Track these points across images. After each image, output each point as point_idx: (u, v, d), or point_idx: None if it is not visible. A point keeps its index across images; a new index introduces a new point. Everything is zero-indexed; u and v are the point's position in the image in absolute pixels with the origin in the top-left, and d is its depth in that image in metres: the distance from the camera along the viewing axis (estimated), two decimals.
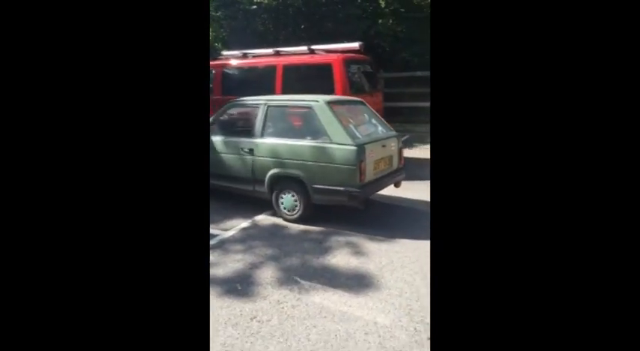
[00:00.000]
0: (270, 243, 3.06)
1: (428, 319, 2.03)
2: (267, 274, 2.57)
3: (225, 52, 6.80)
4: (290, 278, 2.51)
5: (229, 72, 5.92)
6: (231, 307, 2.19)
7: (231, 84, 5.77)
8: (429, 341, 1.86)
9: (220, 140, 3.78)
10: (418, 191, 4.05)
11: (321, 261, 2.75)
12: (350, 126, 3.34)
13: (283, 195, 3.46)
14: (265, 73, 5.47)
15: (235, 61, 6.02)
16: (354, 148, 3.11)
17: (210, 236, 3.15)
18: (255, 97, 3.93)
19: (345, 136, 3.17)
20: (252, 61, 5.88)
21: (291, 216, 3.45)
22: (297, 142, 3.37)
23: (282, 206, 3.48)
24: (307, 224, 3.40)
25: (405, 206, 3.87)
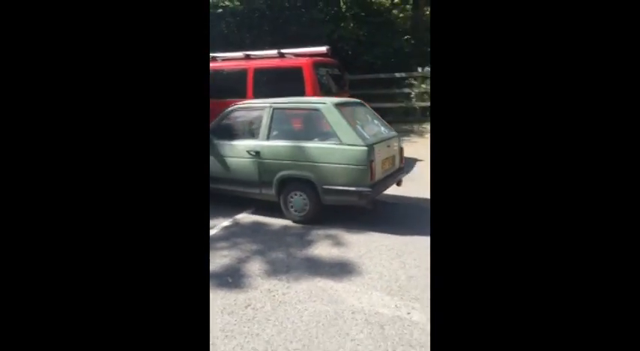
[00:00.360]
0: (254, 239, 3.21)
1: (406, 297, 2.27)
2: (255, 267, 2.72)
3: None
4: (277, 269, 2.68)
5: None
6: (225, 298, 2.33)
7: None
8: (408, 315, 2.10)
9: (224, 144, 3.76)
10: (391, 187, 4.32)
11: (305, 253, 2.94)
12: (357, 127, 3.38)
13: (292, 196, 3.49)
14: (236, 76, 5.58)
15: None
16: (364, 148, 3.15)
17: None
18: (259, 100, 3.92)
19: (355, 137, 3.21)
20: (222, 65, 5.96)
21: (300, 217, 3.49)
22: (306, 144, 3.39)
23: (292, 207, 3.51)
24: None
25: (377, 199, 4.13)
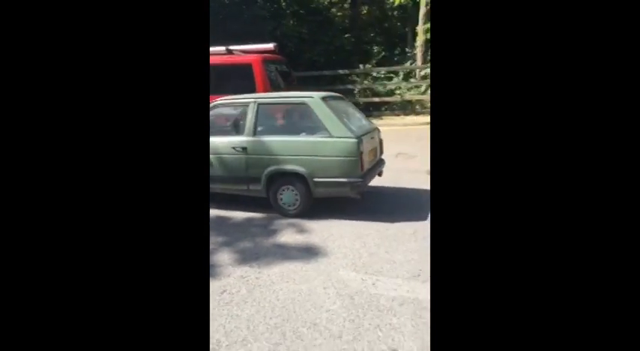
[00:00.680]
0: (219, 232, 3.29)
1: (370, 271, 2.51)
2: (224, 257, 2.82)
3: None
4: (247, 257, 2.80)
5: None
6: None
7: None
8: (374, 286, 2.34)
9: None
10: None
11: (271, 241, 3.08)
12: (344, 120, 3.47)
13: (282, 191, 3.51)
14: None
15: None
16: (354, 140, 3.25)
17: None
18: (242, 95, 3.87)
19: (344, 130, 3.30)
20: None
21: (291, 211, 3.52)
22: (295, 138, 3.44)
23: (282, 202, 3.53)
24: (251, 212, 3.69)
25: None
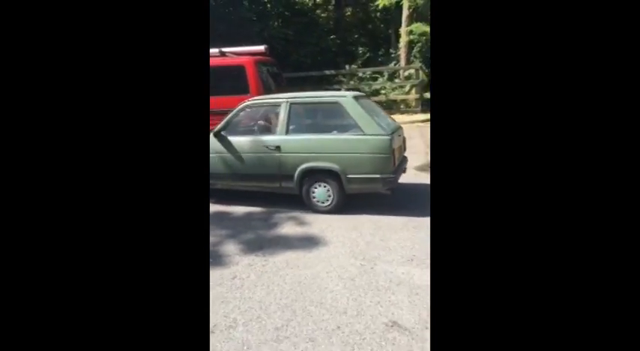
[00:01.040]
0: (221, 226, 3.46)
1: (368, 257, 2.74)
2: (230, 248, 3.01)
3: None
4: (251, 248, 2.99)
5: None
6: (211, 274, 2.59)
7: None
8: (372, 270, 2.57)
9: (239, 140, 3.81)
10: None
11: (273, 233, 3.28)
12: (375, 118, 3.59)
13: (315, 188, 3.63)
14: None
15: None
16: (387, 137, 3.38)
17: None
18: (273, 95, 4.00)
19: (377, 128, 3.42)
20: None
21: (323, 207, 3.63)
22: (329, 136, 3.59)
23: (314, 198, 3.64)
24: (251, 206, 3.87)
25: None
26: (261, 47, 6.17)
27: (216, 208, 3.91)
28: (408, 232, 3.16)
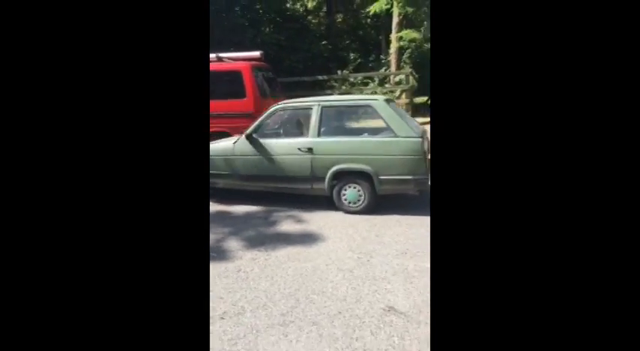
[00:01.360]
0: (223, 224, 3.61)
1: (364, 251, 2.91)
2: (232, 244, 3.15)
3: None
4: (253, 244, 3.15)
5: None
6: (216, 268, 2.74)
7: None
8: (369, 262, 2.74)
9: (270, 142, 3.89)
10: None
11: (273, 230, 3.44)
12: (406, 120, 3.69)
13: (346, 189, 3.72)
14: None
15: None
16: (419, 139, 3.46)
17: None
18: (304, 99, 4.11)
19: (408, 130, 3.50)
20: None
21: (354, 208, 3.70)
22: (362, 139, 3.71)
23: (345, 200, 3.72)
24: (248, 206, 4.02)
25: None
26: (256, 53, 6.34)
27: (217, 208, 4.06)
28: (401, 228, 3.34)
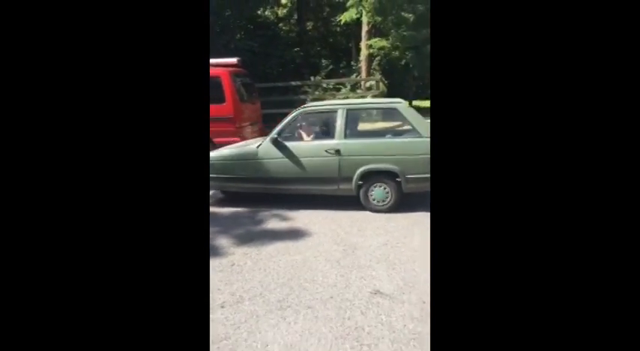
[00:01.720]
0: (211, 224, 3.70)
1: (348, 244, 3.14)
2: (223, 242, 3.30)
3: None
4: (243, 241, 3.31)
5: None
6: (210, 263, 2.89)
7: None
8: (353, 253, 2.97)
9: (296, 145, 4.02)
10: None
11: (260, 228, 3.61)
12: (427, 122, 3.81)
13: (373, 189, 3.87)
14: None
15: None
16: None
17: None
18: (327, 102, 4.31)
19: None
20: None
21: (381, 206, 3.87)
22: (388, 140, 3.91)
23: (372, 199, 3.88)
24: (238, 207, 4.17)
25: None
26: (233, 59, 6.48)
27: None
28: (381, 222, 3.60)
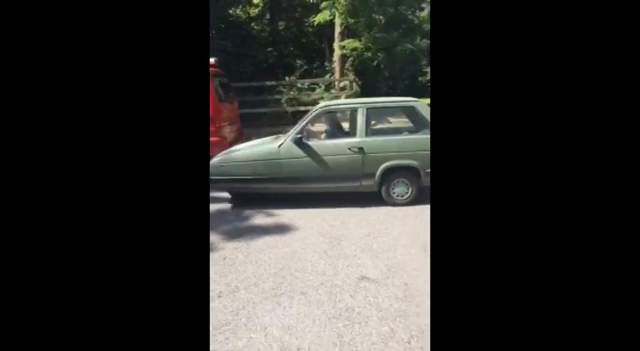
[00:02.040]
0: None
1: (334, 236, 3.33)
2: (212, 238, 3.41)
3: None
4: (232, 236, 3.44)
5: None
6: None
7: None
8: (339, 244, 3.16)
9: (318, 144, 4.11)
10: None
11: (248, 224, 3.75)
12: None
13: (395, 184, 4.08)
14: None
15: None
16: None
17: None
18: (347, 100, 4.42)
19: None
20: None
21: (402, 200, 4.09)
22: (410, 136, 4.08)
23: (394, 193, 4.09)
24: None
25: None
26: (211, 60, 6.53)
27: None
28: (362, 216, 3.82)
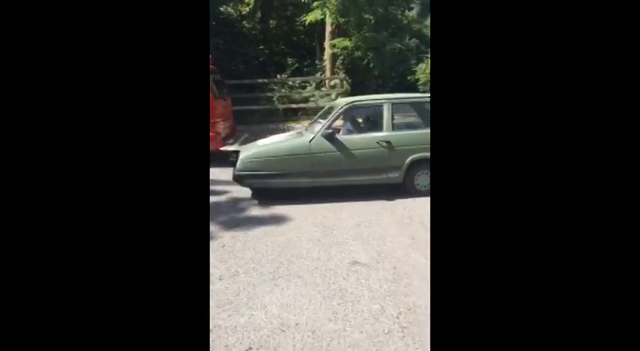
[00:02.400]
0: None
1: (327, 225, 3.53)
2: (210, 228, 3.57)
3: None
4: (229, 226, 3.60)
5: None
6: None
7: None
8: (332, 233, 3.36)
9: (347, 138, 4.31)
10: None
11: (244, 214, 3.92)
12: None
13: (419, 175, 4.32)
14: None
15: None
16: None
17: None
18: (373, 96, 4.78)
19: None
20: None
21: (425, 190, 4.28)
22: None
23: (417, 184, 4.33)
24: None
25: None
26: None
27: None
28: (352, 208, 4.01)
